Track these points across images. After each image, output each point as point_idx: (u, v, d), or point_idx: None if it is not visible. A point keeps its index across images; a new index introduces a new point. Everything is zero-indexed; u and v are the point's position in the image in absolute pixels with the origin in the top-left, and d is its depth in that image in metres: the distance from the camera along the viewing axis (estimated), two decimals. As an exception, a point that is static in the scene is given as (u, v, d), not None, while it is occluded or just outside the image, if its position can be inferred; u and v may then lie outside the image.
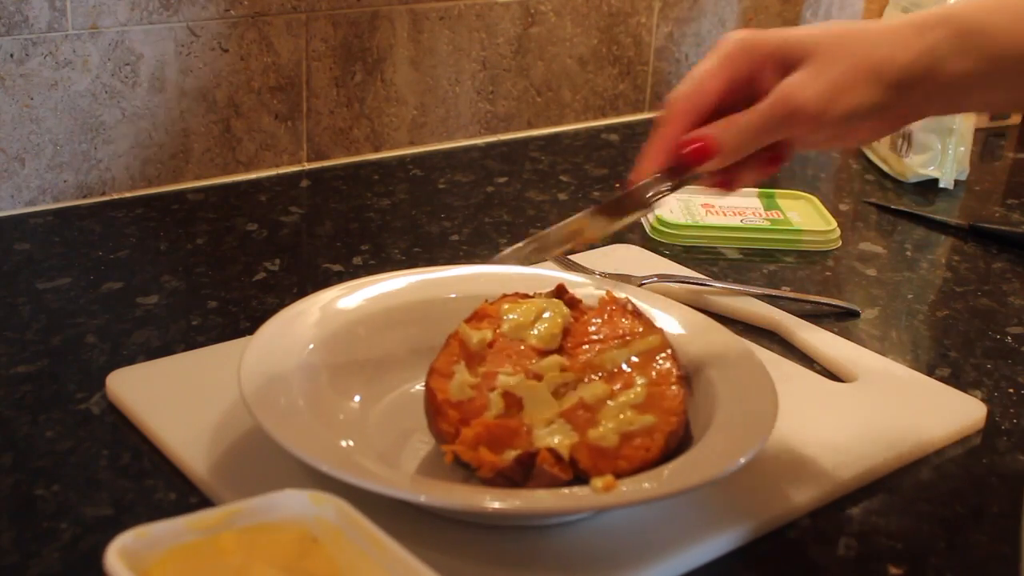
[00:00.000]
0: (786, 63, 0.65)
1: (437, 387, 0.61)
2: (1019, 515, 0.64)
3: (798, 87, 0.63)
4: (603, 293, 0.70)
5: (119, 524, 0.58)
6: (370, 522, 0.48)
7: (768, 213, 1.03)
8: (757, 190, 1.07)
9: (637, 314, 0.67)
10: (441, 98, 1.19)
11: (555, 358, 0.63)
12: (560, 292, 0.70)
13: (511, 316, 0.66)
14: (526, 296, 0.69)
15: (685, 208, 1.02)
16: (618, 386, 0.61)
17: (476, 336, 0.64)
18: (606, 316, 0.67)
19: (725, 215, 1.02)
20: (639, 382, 0.61)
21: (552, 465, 0.57)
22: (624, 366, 0.62)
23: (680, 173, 0.67)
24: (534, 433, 0.59)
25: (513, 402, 0.60)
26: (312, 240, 0.96)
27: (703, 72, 0.66)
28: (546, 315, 0.66)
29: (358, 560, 0.47)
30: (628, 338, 0.65)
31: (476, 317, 0.67)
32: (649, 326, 0.66)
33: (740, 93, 0.66)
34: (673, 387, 0.61)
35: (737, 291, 0.86)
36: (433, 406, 0.60)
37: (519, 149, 1.22)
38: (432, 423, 0.61)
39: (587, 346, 0.65)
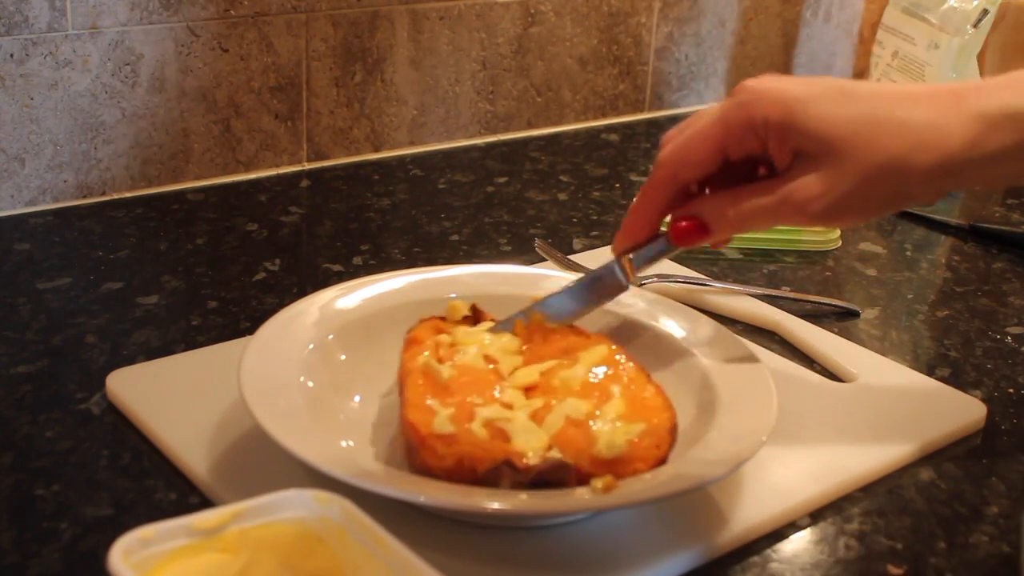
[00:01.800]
0: (801, 151, 0.57)
1: (419, 421, 0.58)
2: (1018, 515, 0.64)
3: (810, 197, 0.56)
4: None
5: (119, 524, 0.58)
6: (374, 522, 0.48)
7: None
8: None
9: (563, 328, 0.67)
10: (441, 98, 1.19)
11: (515, 388, 0.62)
12: (476, 314, 0.69)
13: (470, 350, 0.64)
14: (442, 319, 0.68)
15: None
16: (596, 395, 0.61)
17: (444, 370, 0.62)
18: (537, 338, 0.66)
19: None
20: (615, 390, 0.61)
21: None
22: (592, 380, 0.61)
23: (668, 246, 0.63)
24: (530, 460, 0.57)
25: (496, 433, 0.58)
26: (312, 240, 0.96)
27: (698, 133, 0.58)
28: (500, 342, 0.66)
29: (363, 560, 0.47)
30: (575, 352, 0.64)
31: (415, 344, 0.65)
32: (588, 335, 0.66)
33: (741, 156, 0.59)
34: (650, 386, 0.61)
35: (737, 291, 0.86)
36: (417, 440, 0.57)
37: (519, 149, 1.22)
38: (416, 457, 0.58)
39: (535, 364, 0.64)
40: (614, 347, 0.64)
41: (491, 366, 0.64)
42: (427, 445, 0.57)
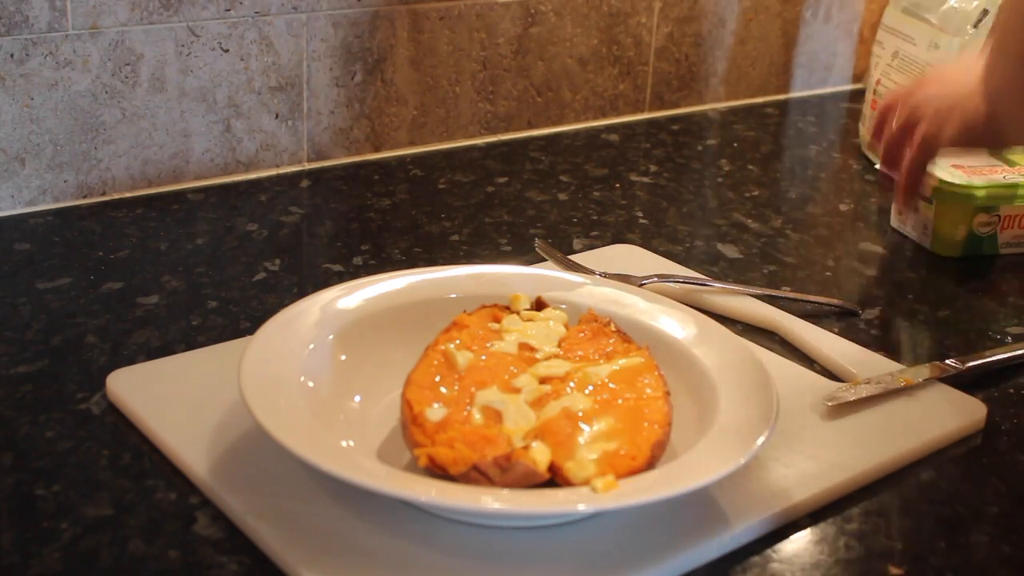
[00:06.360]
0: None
1: (414, 399, 0.60)
2: (1019, 515, 0.64)
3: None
4: (591, 303, 0.71)
5: (119, 524, 0.58)
6: None
7: (1015, 169, 1.00)
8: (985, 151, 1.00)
9: (620, 334, 0.68)
10: (441, 98, 1.19)
11: (531, 374, 0.63)
12: (539, 305, 0.70)
13: (511, 336, 0.66)
14: (506, 308, 0.69)
15: (950, 174, 0.98)
16: (603, 398, 0.61)
17: (462, 357, 0.63)
18: (587, 332, 0.68)
19: (984, 173, 0.98)
20: (625, 396, 0.61)
21: (527, 458, 0.57)
22: (611, 383, 0.62)
23: None
24: (512, 442, 0.58)
25: (492, 415, 0.60)
26: (312, 240, 0.96)
27: None
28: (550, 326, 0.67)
29: None
30: (612, 354, 0.65)
31: (455, 328, 0.67)
32: (633, 346, 0.66)
33: None
34: (659, 401, 0.61)
35: (737, 291, 0.86)
36: (409, 417, 0.59)
37: (519, 149, 1.22)
38: (406, 434, 0.59)
39: (567, 360, 0.65)
40: (652, 363, 0.64)
41: (526, 353, 0.65)
42: (417, 423, 0.59)
